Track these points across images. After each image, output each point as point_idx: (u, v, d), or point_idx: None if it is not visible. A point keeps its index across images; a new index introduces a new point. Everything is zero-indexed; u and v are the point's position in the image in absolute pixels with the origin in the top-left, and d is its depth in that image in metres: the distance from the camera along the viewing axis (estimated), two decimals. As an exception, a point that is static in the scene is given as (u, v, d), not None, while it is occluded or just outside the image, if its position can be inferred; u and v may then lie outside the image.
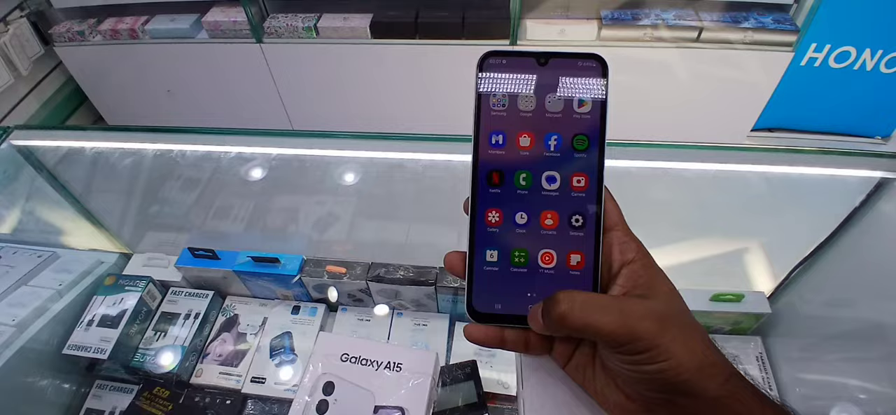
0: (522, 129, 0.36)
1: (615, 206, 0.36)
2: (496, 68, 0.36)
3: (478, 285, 0.36)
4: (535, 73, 0.36)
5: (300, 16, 2.07)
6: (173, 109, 2.48)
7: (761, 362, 0.87)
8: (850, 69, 1.93)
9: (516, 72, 0.36)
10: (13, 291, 0.96)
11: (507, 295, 0.36)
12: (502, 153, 0.36)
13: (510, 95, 0.36)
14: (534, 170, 0.36)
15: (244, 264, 0.95)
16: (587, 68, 0.36)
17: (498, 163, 0.36)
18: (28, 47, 2.25)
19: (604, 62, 0.36)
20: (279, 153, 1.04)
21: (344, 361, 0.52)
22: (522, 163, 0.36)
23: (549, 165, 0.36)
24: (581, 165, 0.36)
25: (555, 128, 0.36)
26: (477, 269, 0.36)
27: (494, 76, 0.36)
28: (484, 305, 0.36)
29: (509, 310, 0.36)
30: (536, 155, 0.36)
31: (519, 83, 0.36)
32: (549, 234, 0.36)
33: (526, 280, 0.36)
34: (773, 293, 0.88)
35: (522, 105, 0.36)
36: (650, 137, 0.81)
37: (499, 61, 0.36)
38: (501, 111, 0.36)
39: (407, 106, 2.25)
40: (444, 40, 1.99)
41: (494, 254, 0.36)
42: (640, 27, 1.89)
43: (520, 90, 0.36)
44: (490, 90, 0.36)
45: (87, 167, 1.06)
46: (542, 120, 0.36)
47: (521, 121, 0.36)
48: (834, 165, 0.75)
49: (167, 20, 2.17)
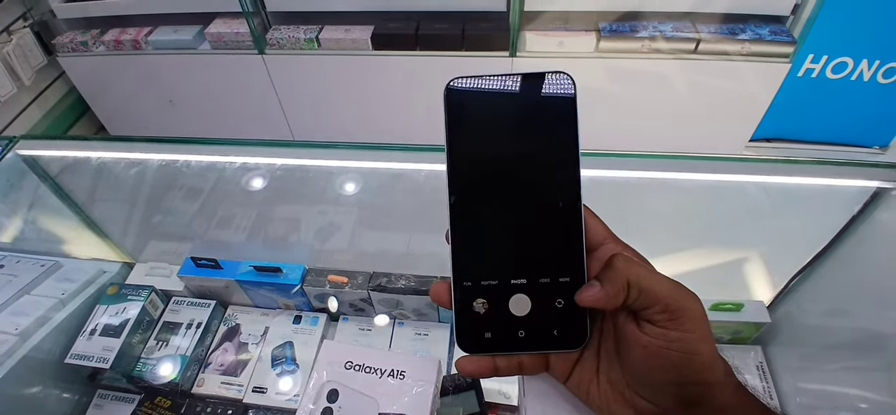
0: (495, 155, 0.35)
1: (599, 221, 0.36)
2: (462, 96, 0.36)
3: (465, 317, 0.36)
4: (502, 96, 0.35)
5: (302, 27, 2.09)
6: (175, 119, 2.50)
7: (761, 371, 0.87)
8: (848, 80, 1.94)
9: (483, 98, 0.36)
10: (16, 301, 0.96)
11: (495, 323, 0.35)
12: (477, 181, 0.35)
13: (479, 122, 0.36)
14: (510, 194, 0.35)
15: (246, 274, 0.95)
16: (555, 85, 0.35)
17: (473, 191, 0.35)
18: (31, 57, 2.27)
19: (570, 77, 0.35)
20: (281, 163, 1.04)
21: (348, 368, 0.52)
22: (498, 188, 0.35)
23: (524, 188, 0.35)
24: (558, 185, 0.35)
25: (527, 150, 0.35)
26: (462, 300, 0.36)
27: (461, 106, 0.36)
28: (474, 336, 0.36)
29: (499, 338, 0.35)
30: (512, 179, 0.35)
31: (487, 110, 0.36)
32: (532, 257, 0.35)
33: (514, 306, 0.35)
34: (772, 303, 0.89)
35: (492, 130, 0.36)
36: (649, 148, 0.82)
37: (464, 88, 0.36)
38: (472, 139, 0.36)
39: (407, 117, 2.26)
40: (444, 52, 2.01)
41: (479, 284, 0.35)
42: (638, 39, 1.91)
43: (489, 117, 0.36)
44: (458, 121, 0.36)
45: (90, 177, 1.07)
46: (514, 143, 0.35)
47: (492, 146, 0.35)
48: (831, 175, 0.76)
49: (170, 31, 2.19)
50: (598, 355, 0.36)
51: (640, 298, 0.32)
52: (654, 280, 0.32)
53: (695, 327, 0.31)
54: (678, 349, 0.31)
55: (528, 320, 0.35)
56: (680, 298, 0.31)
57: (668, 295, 0.31)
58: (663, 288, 0.31)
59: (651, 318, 0.31)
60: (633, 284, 0.31)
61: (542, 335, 0.35)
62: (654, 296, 0.31)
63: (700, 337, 0.31)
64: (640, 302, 0.32)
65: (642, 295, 0.31)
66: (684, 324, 0.31)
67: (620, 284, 0.32)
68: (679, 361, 0.31)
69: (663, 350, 0.31)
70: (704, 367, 0.31)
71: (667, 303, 0.31)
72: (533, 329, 0.35)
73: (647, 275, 0.32)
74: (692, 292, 0.32)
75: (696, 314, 0.31)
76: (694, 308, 0.31)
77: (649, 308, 0.31)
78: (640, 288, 0.31)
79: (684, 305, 0.31)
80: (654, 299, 0.31)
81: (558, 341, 0.35)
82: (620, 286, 0.32)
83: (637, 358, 0.32)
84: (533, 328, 0.35)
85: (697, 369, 0.31)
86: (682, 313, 0.31)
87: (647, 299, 0.31)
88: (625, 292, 0.32)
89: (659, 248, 0.36)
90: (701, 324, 0.31)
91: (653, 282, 0.31)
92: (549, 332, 0.35)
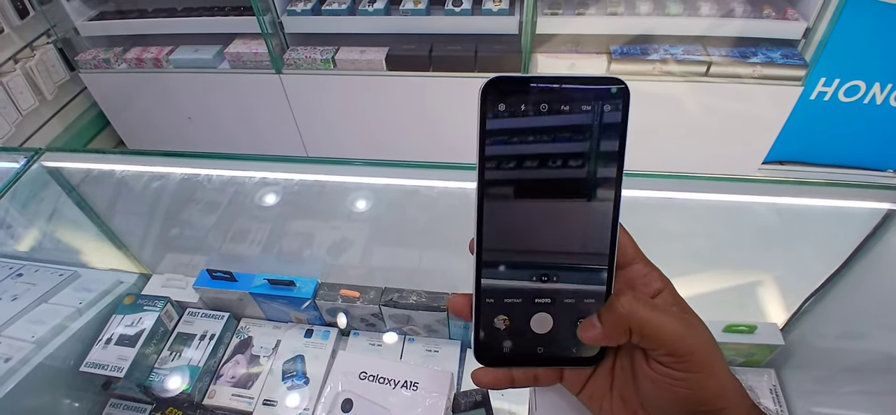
0: (530, 163, 0.32)
1: (630, 239, 0.35)
2: (501, 98, 0.31)
3: (485, 329, 0.35)
4: (546, 101, 0.31)
5: (319, 48, 2.14)
6: (192, 135, 2.55)
7: (775, 394, 0.86)
8: (860, 103, 1.94)
9: (524, 102, 0.31)
10: (33, 309, 0.98)
11: (515, 339, 0.35)
12: (508, 193, 0.33)
13: (517, 128, 0.32)
14: (542, 206, 0.33)
15: (260, 287, 0.97)
16: (606, 95, 0.31)
17: (503, 200, 0.33)
18: (53, 72, 2.34)
19: (625, 88, 0.31)
20: (296, 179, 1.06)
21: (362, 379, 0.53)
22: (530, 199, 0.33)
23: (558, 201, 0.33)
24: (595, 200, 0.33)
25: (566, 161, 0.32)
26: (484, 312, 0.35)
27: (500, 108, 0.31)
28: (492, 350, 0.35)
29: (518, 350, 0.35)
30: (545, 189, 0.33)
31: (527, 113, 0.31)
32: (560, 278, 0.34)
33: (535, 324, 0.35)
34: (785, 325, 0.88)
35: (530, 137, 0.32)
36: (662, 169, 0.82)
37: (503, 89, 0.31)
38: (507, 146, 0.32)
39: (420, 136, 2.29)
40: (456, 73, 2.04)
41: (502, 296, 0.34)
42: (649, 61, 1.92)
43: (528, 122, 0.32)
44: (495, 124, 0.32)
45: (110, 190, 1.10)
46: (552, 152, 0.32)
47: (528, 154, 0.32)
48: (842, 196, 0.76)
49: (191, 51, 2.25)
50: (612, 372, 0.36)
51: (643, 341, 0.31)
52: (657, 324, 0.31)
53: (701, 366, 0.30)
54: (684, 387, 0.31)
55: (548, 337, 0.35)
56: (685, 342, 0.30)
57: (672, 339, 0.30)
58: (668, 332, 0.30)
59: (656, 357, 0.31)
60: (635, 329, 0.31)
61: (560, 352, 0.35)
62: (658, 340, 0.31)
63: (707, 375, 0.31)
64: (643, 344, 0.31)
65: (645, 339, 0.31)
66: (690, 366, 0.30)
67: (621, 329, 0.31)
68: (686, 396, 0.31)
69: (670, 388, 0.31)
70: (714, 398, 0.31)
71: (672, 347, 0.30)
72: (552, 346, 0.35)
73: (651, 318, 0.31)
74: (700, 328, 0.31)
75: (702, 354, 0.30)
76: (700, 349, 0.30)
77: (654, 350, 0.31)
78: (643, 334, 0.31)
79: (690, 348, 0.30)
80: (659, 343, 0.31)
81: (576, 358, 0.35)
82: (620, 330, 0.31)
83: (646, 388, 0.33)
84: (552, 345, 0.35)
85: (706, 401, 0.31)
86: (688, 356, 0.30)
87: (650, 343, 0.31)
88: (626, 336, 0.31)
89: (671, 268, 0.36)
90: (707, 362, 0.31)
91: (656, 327, 0.31)
92: (568, 349, 0.35)
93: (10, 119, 2.18)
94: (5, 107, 2.15)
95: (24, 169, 1.00)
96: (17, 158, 1.03)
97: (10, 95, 2.16)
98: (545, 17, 1.93)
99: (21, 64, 2.21)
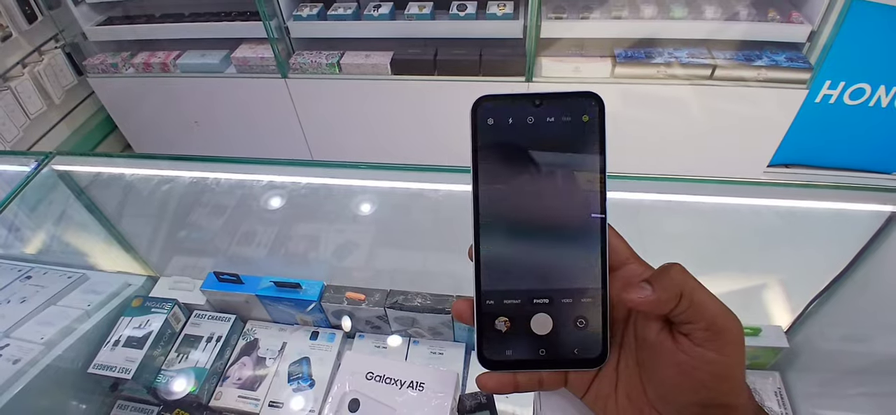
0: (520, 172, 0.35)
1: (623, 241, 0.36)
2: (490, 114, 0.36)
3: (487, 333, 0.36)
4: (530, 115, 0.35)
5: (324, 53, 2.15)
6: (199, 139, 2.57)
7: (780, 397, 0.86)
8: (866, 106, 1.93)
9: (511, 116, 0.36)
10: (42, 311, 0.99)
11: (517, 342, 0.36)
12: (501, 199, 0.35)
13: (507, 142, 0.36)
14: (535, 213, 0.35)
15: (267, 289, 0.97)
16: (583, 106, 0.35)
17: (498, 209, 0.36)
18: (61, 77, 2.36)
19: (599, 98, 0.35)
20: (302, 182, 1.07)
21: (369, 379, 0.53)
22: (523, 207, 0.35)
23: (550, 207, 0.35)
24: (583, 204, 0.35)
25: (553, 169, 0.35)
26: (485, 317, 0.36)
27: (489, 122, 0.36)
28: (495, 353, 0.36)
29: (521, 355, 0.36)
30: (537, 198, 0.35)
31: (515, 127, 0.36)
32: (556, 278, 0.35)
33: (535, 325, 0.36)
34: (790, 327, 0.88)
35: (519, 149, 0.35)
36: (667, 173, 0.82)
37: (492, 105, 0.36)
38: (498, 157, 0.36)
39: (424, 139, 2.30)
40: (461, 77, 2.05)
41: (501, 303, 0.36)
42: (653, 65, 1.92)
43: (516, 134, 0.36)
44: (486, 138, 0.36)
45: (119, 193, 1.11)
46: (541, 162, 0.35)
47: (518, 165, 0.35)
48: (847, 199, 0.76)
49: (198, 55, 2.27)
50: (616, 372, 0.36)
51: (688, 311, 0.31)
52: (704, 296, 0.31)
53: (733, 351, 0.30)
54: (712, 371, 0.30)
55: (549, 338, 0.35)
56: (726, 317, 0.30)
57: (716, 314, 0.30)
58: (712, 306, 0.30)
59: (691, 333, 0.31)
60: (686, 295, 0.31)
61: (562, 354, 0.36)
62: (703, 312, 0.30)
63: (735, 362, 0.31)
64: (686, 315, 0.31)
65: (691, 308, 0.31)
66: (724, 347, 0.30)
67: (673, 292, 0.31)
68: (710, 383, 0.31)
69: (696, 370, 0.31)
70: (733, 391, 0.31)
71: (713, 321, 0.30)
72: (553, 348, 0.36)
73: (699, 289, 0.31)
74: (735, 315, 0.31)
75: (737, 338, 0.31)
76: (736, 331, 0.31)
77: (693, 323, 0.31)
78: (692, 301, 0.31)
79: (728, 325, 0.30)
80: (702, 316, 0.30)
81: (578, 359, 0.36)
82: (673, 294, 0.31)
83: (668, 375, 0.32)
84: (554, 347, 0.36)
85: (726, 392, 0.31)
86: (725, 335, 0.30)
87: (694, 314, 0.31)
88: (676, 302, 0.31)
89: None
90: (739, 349, 0.31)
91: (704, 297, 0.31)
92: (570, 350, 0.36)
93: (19, 123, 2.20)
94: (13, 111, 2.17)
95: (34, 172, 1.02)
96: (27, 162, 1.04)
97: (19, 99, 2.18)
98: (549, 22, 1.93)
99: (29, 68, 2.23)
